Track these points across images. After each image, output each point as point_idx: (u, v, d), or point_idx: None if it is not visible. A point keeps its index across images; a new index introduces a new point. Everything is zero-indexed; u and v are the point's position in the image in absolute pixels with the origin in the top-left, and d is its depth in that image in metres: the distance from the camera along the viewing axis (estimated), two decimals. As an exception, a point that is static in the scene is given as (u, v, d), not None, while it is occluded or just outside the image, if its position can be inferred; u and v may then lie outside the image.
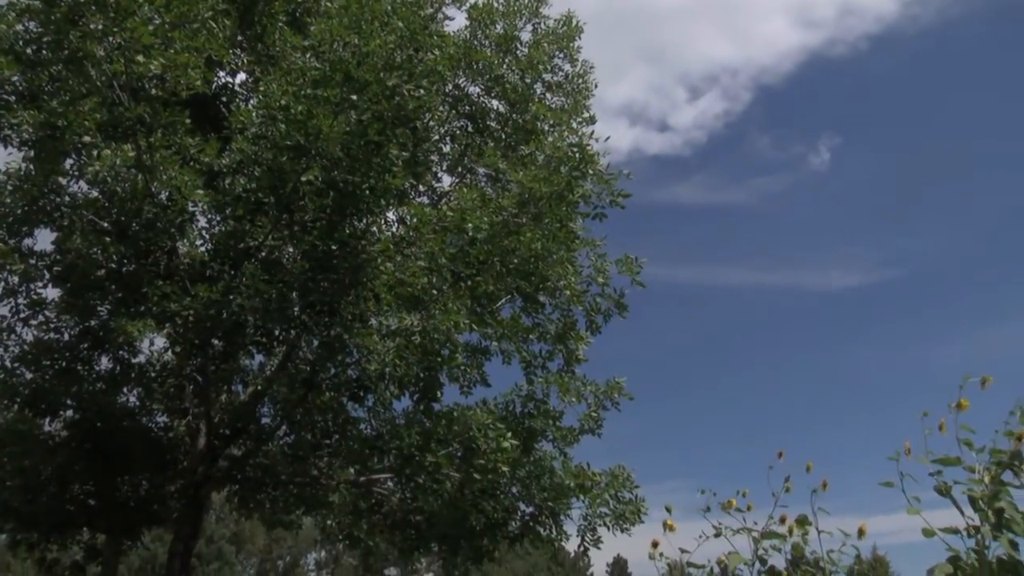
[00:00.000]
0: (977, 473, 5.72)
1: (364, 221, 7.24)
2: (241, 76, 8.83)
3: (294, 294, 7.23)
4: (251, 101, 8.37)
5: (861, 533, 6.15)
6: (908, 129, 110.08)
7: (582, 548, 8.22)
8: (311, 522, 11.50)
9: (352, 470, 8.88)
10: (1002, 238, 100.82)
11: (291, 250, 7.29)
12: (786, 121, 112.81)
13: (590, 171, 8.15)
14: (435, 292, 7.18)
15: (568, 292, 8.31)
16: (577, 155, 8.02)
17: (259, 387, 8.67)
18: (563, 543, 8.58)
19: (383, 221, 8.06)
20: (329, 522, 9.81)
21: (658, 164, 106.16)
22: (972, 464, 5.81)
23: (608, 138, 8.36)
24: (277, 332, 7.70)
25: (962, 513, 5.73)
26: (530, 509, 8.43)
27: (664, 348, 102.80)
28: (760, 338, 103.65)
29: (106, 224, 7.10)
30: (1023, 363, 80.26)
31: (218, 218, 7.36)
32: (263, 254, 7.08)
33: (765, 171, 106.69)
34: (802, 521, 6.21)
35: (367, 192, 6.83)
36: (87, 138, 6.34)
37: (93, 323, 8.14)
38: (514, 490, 8.30)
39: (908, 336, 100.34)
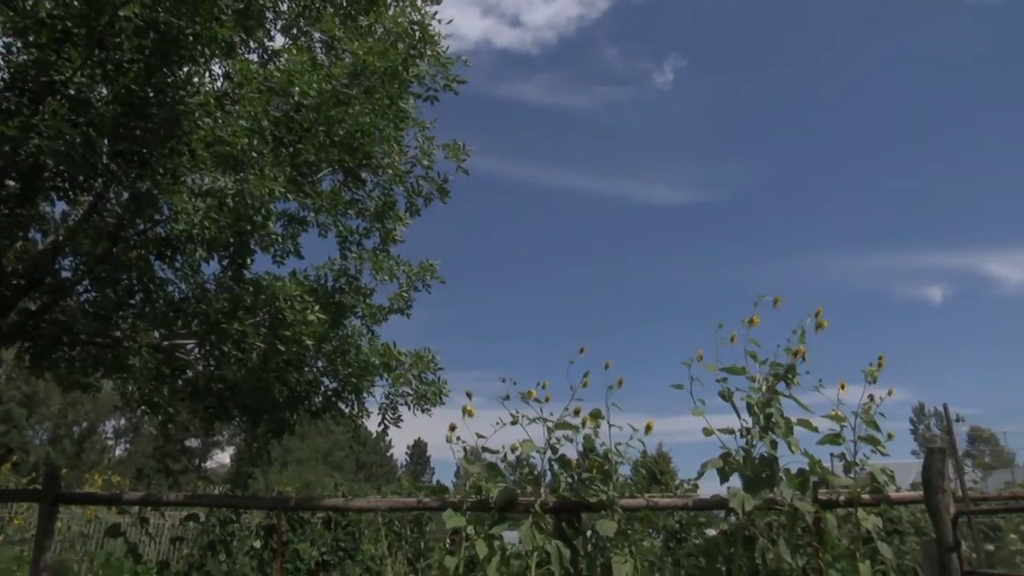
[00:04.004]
0: (757, 383, 6.23)
1: (186, 70, 6.79)
2: None
3: (105, 141, 6.75)
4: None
5: (648, 429, 6.56)
6: (749, 65, 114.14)
7: (382, 426, 8.38)
8: (110, 387, 11.07)
9: (156, 333, 8.59)
10: (815, 173, 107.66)
11: (103, 91, 6.75)
12: (637, 35, 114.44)
13: (428, 52, 8.01)
14: (255, 155, 6.92)
15: (391, 171, 8.19)
16: (417, 34, 7.85)
17: (60, 237, 8.16)
18: (364, 420, 8.71)
19: (206, 73, 7.61)
20: (130, 387, 9.45)
21: (505, 58, 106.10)
22: (754, 374, 6.31)
23: (451, 21, 8.20)
24: (81, 179, 7.18)
25: (739, 416, 6.24)
26: (334, 384, 8.47)
27: (485, 240, 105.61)
28: (580, 241, 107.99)
29: None
30: (816, 289, 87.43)
31: (18, 44, 6.66)
32: (71, 92, 6.51)
33: (609, 81, 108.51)
34: (595, 415, 6.55)
35: (191, 38, 6.36)
36: None
37: None
38: (319, 364, 8.31)
39: (719, 256, 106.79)
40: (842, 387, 6.13)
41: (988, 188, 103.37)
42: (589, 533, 6.33)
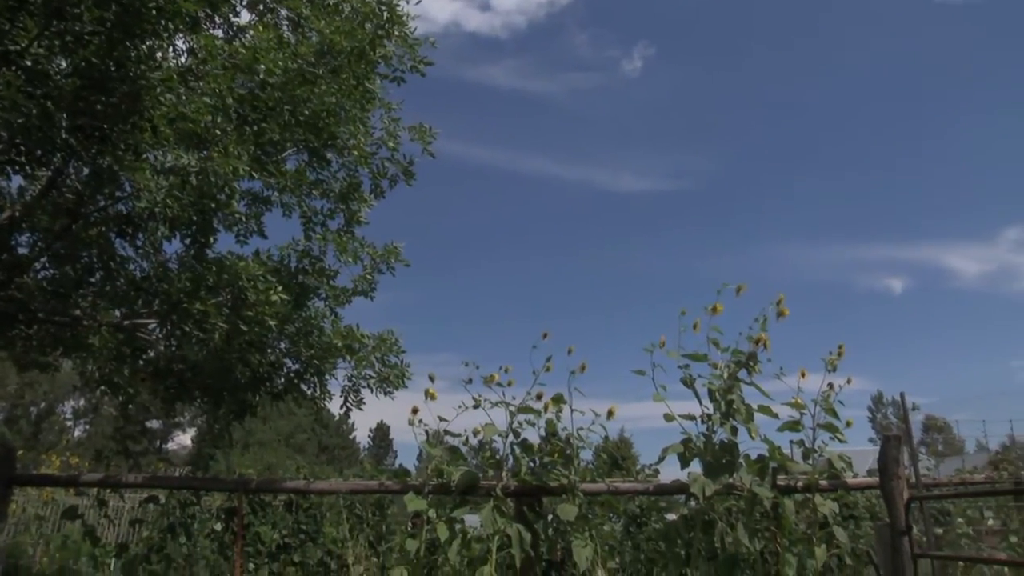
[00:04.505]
0: (719, 369, 6.28)
1: (148, 44, 6.63)
2: None
3: (63, 115, 6.59)
4: None
5: (611, 414, 6.57)
6: (717, 55, 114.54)
7: (345, 408, 8.33)
8: (69, 366, 10.91)
9: (117, 312, 8.46)
10: (780, 165, 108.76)
11: (62, 64, 6.59)
12: (606, 22, 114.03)
13: (395, 32, 7.94)
14: (219, 132, 6.81)
15: (356, 152, 8.12)
16: (384, 14, 7.78)
17: (17, 213, 7.99)
18: (326, 402, 8.66)
19: (170, 48, 7.47)
20: (89, 367, 9.30)
21: (474, 42, 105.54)
22: (716, 361, 6.36)
23: (419, 2, 8.12)
24: (39, 153, 7.02)
25: (700, 402, 6.28)
26: (296, 366, 8.41)
27: (450, 224, 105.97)
28: (546, 227, 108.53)
29: None
30: (779, 279, 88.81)
31: (-34, 10, 6.42)
32: (27, 63, 6.34)
33: (577, 68, 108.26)
34: (557, 399, 6.56)
35: (154, 12, 6.21)
36: None
37: None
38: (282, 346, 8.24)
39: (684, 244, 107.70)
40: (803, 375, 6.20)
41: (949, 183, 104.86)
42: (550, 517, 6.36)
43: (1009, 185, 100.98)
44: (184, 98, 6.86)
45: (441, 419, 6.39)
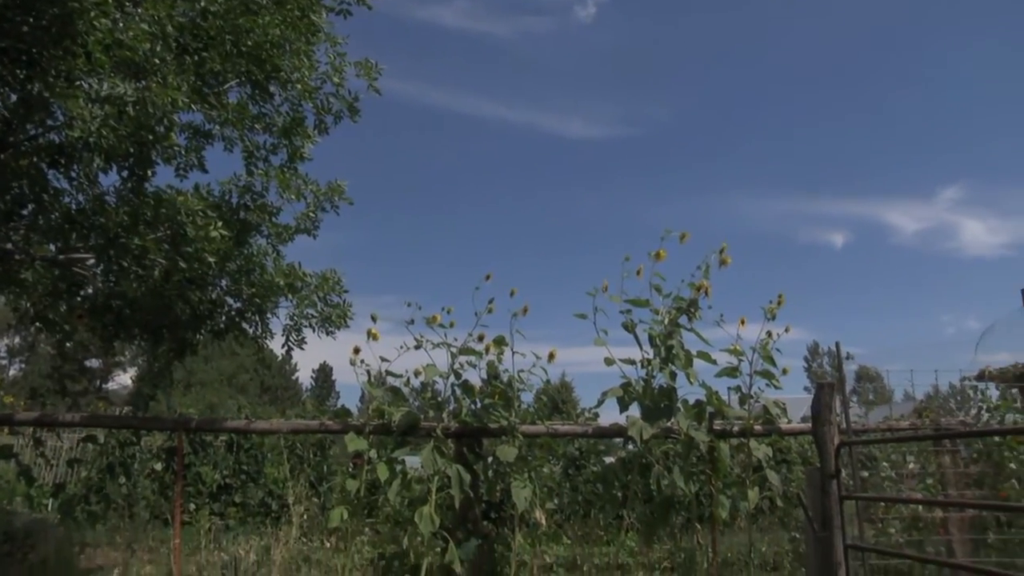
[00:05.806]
0: (660, 315, 6.33)
1: (79, -36, 6.32)
2: None
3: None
4: None
5: (551, 357, 6.60)
6: (673, 5, 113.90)
7: (286, 347, 8.25)
8: (2, 303, 10.60)
9: (52, 247, 8.21)
10: (729, 117, 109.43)
11: (-19, -17, 6.27)
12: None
13: (342, -37, 7.74)
14: (157, 61, 6.56)
15: (300, 86, 7.89)
16: (331, -56, 7.57)
17: (-58, 144, 7.67)
18: (268, 341, 8.56)
19: (104, -32, 7.12)
20: (23, 302, 9.04)
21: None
22: (658, 307, 6.41)
23: (368, -67, 7.90)
24: (-38, 79, 6.71)
25: (640, 348, 6.33)
26: (237, 304, 8.27)
27: (395, 164, 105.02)
28: (493, 169, 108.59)
29: None
30: (723, 229, 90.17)
31: None
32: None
33: (530, 11, 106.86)
34: (499, 341, 6.56)
35: (85, -72, 5.96)
36: None
37: None
38: (223, 283, 8.09)
39: (631, 192, 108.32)
40: (742, 323, 6.30)
41: (892, 141, 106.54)
42: (490, 458, 6.41)
43: (948, 145, 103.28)
44: (121, 24, 6.58)
45: (383, 359, 6.37)
